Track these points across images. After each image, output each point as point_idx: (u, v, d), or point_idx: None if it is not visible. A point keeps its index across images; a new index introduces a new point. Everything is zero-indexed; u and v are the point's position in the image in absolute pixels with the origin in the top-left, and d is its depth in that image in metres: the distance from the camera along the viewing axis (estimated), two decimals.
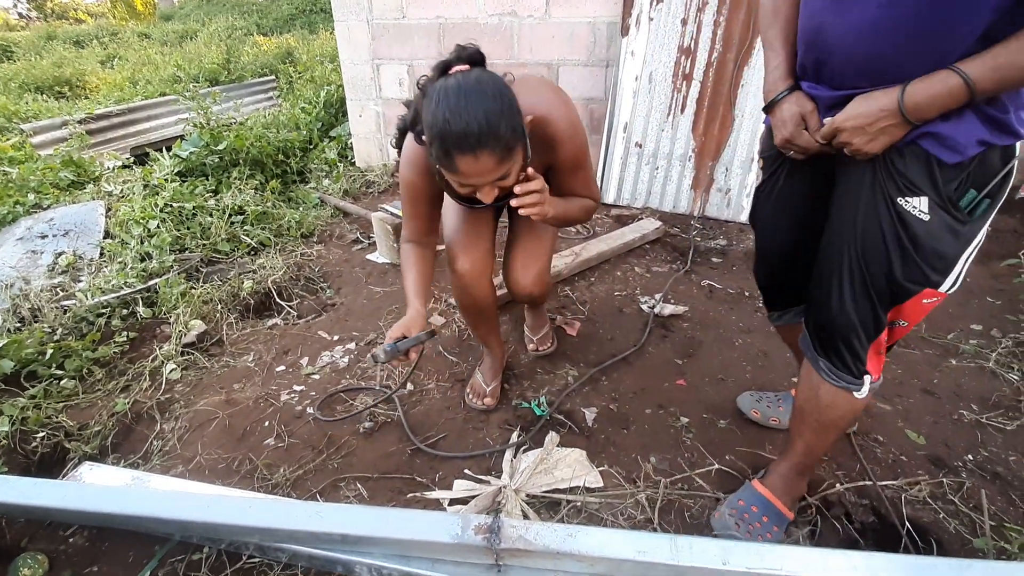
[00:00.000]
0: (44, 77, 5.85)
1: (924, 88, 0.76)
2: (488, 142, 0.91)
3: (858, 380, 1.01)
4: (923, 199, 0.84)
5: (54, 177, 2.84)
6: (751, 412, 1.53)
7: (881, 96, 0.80)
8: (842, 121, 0.84)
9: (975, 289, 2.23)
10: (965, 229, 0.86)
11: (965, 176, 0.82)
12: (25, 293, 1.99)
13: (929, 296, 0.92)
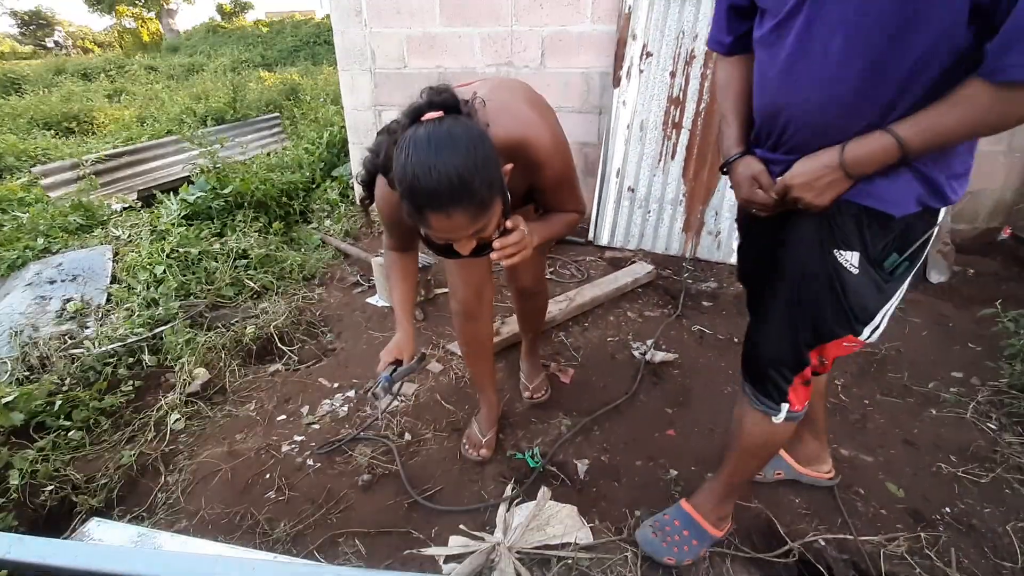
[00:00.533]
0: (53, 113, 6.00)
1: (861, 146, 0.85)
2: (461, 200, 0.87)
3: (776, 406, 1.09)
4: (855, 254, 0.94)
5: (63, 221, 2.93)
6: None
7: (823, 154, 0.89)
8: (791, 178, 0.93)
9: (957, 335, 2.30)
10: (887, 287, 0.97)
11: (891, 239, 0.93)
12: (34, 341, 2.05)
13: (850, 341, 1.02)
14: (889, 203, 0.89)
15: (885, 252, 0.94)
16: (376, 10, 3.08)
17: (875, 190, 0.89)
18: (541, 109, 1.20)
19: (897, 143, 0.81)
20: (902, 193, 0.89)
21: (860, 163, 0.86)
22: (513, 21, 3.02)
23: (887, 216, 0.90)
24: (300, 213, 3.46)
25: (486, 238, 0.99)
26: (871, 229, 0.92)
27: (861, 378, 2.04)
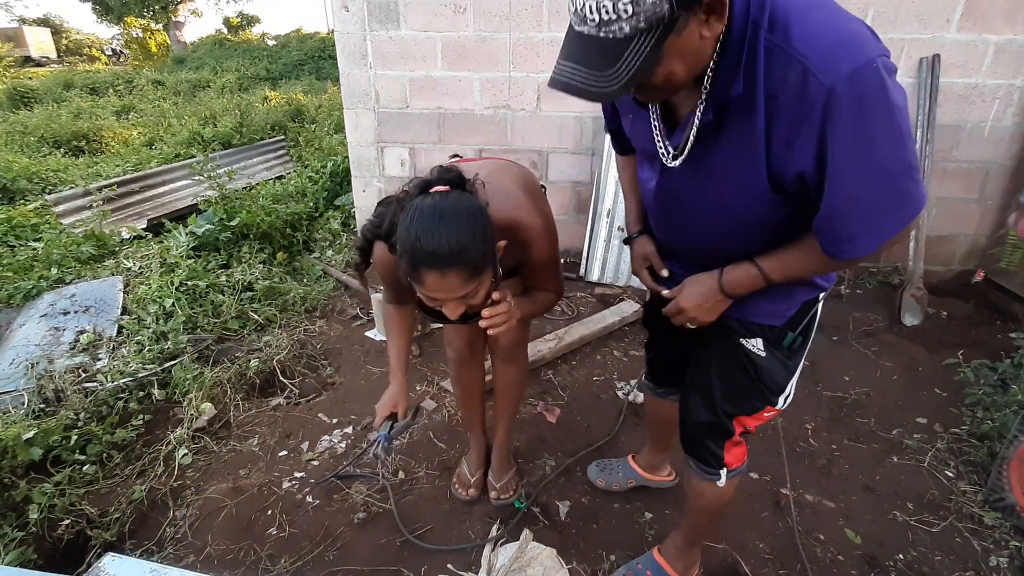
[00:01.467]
0: (63, 132, 6.15)
1: (734, 275, 1.00)
2: (456, 263, 0.95)
3: (717, 472, 1.22)
4: (759, 340, 1.09)
5: (76, 251, 3.05)
6: (597, 481, 1.80)
7: (706, 279, 1.04)
8: (683, 302, 1.06)
9: (925, 380, 2.43)
10: (790, 362, 1.11)
11: (785, 324, 1.08)
12: (50, 374, 2.16)
13: (769, 411, 1.16)
14: (771, 317, 1.07)
15: (782, 334, 1.08)
16: (380, 54, 3.23)
17: (760, 308, 1.06)
18: (536, 195, 1.31)
19: (762, 275, 0.97)
20: (781, 306, 1.06)
21: (734, 288, 1.01)
22: (511, 67, 3.18)
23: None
24: (303, 243, 3.59)
25: (474, 305, 1.07)
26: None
27: (831, 423, 2.16)
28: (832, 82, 0.70)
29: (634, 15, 0.65)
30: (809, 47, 0.72)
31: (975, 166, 3.09)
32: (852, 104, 0.71)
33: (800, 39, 0.72)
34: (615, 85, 0.69)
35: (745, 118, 0.79)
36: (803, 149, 0.77)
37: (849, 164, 0.75)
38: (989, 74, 2.89)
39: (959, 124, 3.01)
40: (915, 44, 2.87)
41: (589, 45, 0.69)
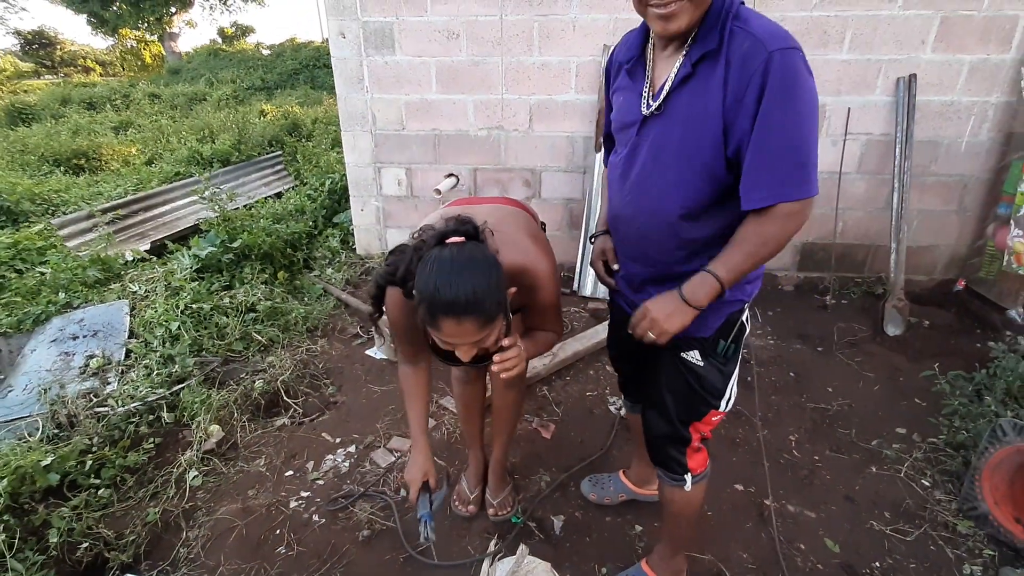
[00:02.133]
0: (62, 150, 6.23)
1: (694, 288, 1.09)
2: (472, 312, 1.04)
3: (682, 478, 1.36)
4: (695, 352, 1.22)
5: (82, 275, 3.14)
6: (590, 496, 1.90)
7: (669, 296, 1.12)
8: (653, 315, 1.12)
9: (906, 390, 2.52)
10: (726, 368, 1.25)
11: (714, 334, 1.21)
12: (62, 399, 2.24)
13: (715, 415, 1.29)
14: (703, 329, 1.20)
15: (714, 343, 1.22)
16: (377, 79, 3.33)
17: (694, 322, 1.14)
18: (540, 241, 1.39)
19: (714, 277, 1.07)
20: (710, 319, 1.18)
21: (696, 298, 1.08)
22: (504, 90, 3.28)
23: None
24: (303, 261, 3.67)
25: (485, 349, 1.16)
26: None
27: (814, 434, 2.26)
28: (772, 50, 0.94)
29: None
30: (761, 30, 0.97)
31: (953, 179, 3.20)
32: (784, 70, 0.94)
33: (755, 26, 0.98)
34: None
35: (711, 73, 1.01)
36: (747, 103, 0.97)
37: (772, 118, 0.96)
38: (964, 92, 3.00)
39: (937, 140, 3.11)
40: (892, 65, 2.98)
41: None
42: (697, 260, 1.13)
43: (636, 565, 1.60)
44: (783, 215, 1.01)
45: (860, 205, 3.30)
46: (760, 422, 2.28)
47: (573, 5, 3.06)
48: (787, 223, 1.02)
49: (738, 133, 1.00)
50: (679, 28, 1.00)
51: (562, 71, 3.19)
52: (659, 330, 1.11)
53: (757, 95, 0.96)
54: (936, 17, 2.88)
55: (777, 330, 3.04)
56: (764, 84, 0.94)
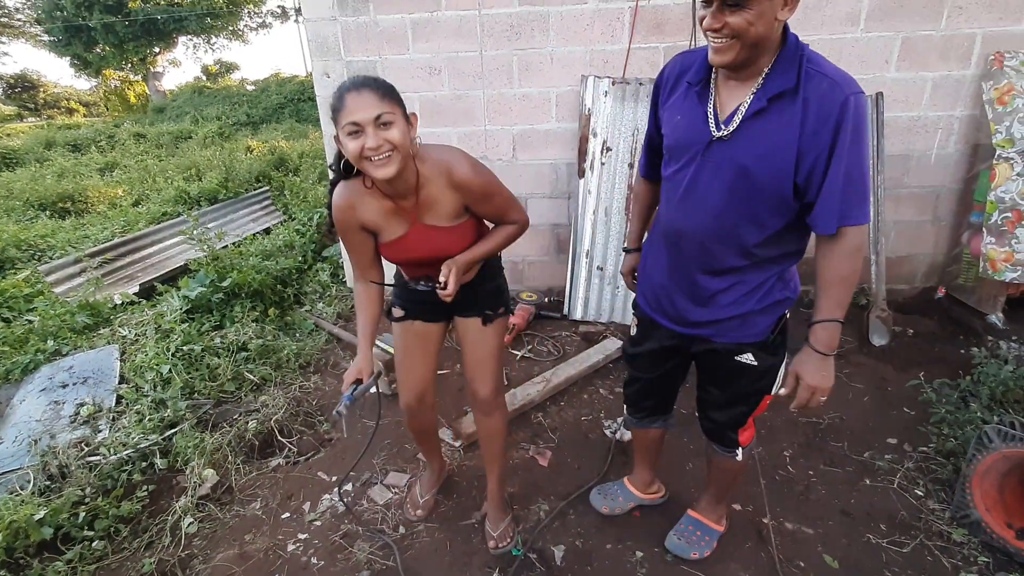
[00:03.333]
0: (47, 195, 6.22)
1: (828, 340, 1.22)
2: (369, 84, 1.23)
3: (735, 451, 1.58)
4: (748, 354, 1.37)
5: (71, 321, 3.12)
6: (601, 508, 1.97)
7: (811, 358, 1.23)
8: (811, 383, 1.24)
9: (894, 400, 2.56)
10: (776, 358, 1.39)
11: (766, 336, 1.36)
12: (53, 449, 2.22)
13: (767, 399, 1.46)
14: (758, 335, 1.35)
15: (765, 342, 1.36)
16: None
17: (748, 332, 1.34)
18: (463, 152, 1.45)
19: (834, 321, 1.20)
20: (765, 325, 1.34)
21: (825, 343, 1.21)
22: (486, 121, 3.35)
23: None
24: (294, 296, 3.68)
25: (392, 140, 1.23)
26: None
27: (807, 448, 2.28)
28: (848, 94, 1.07)
29: None
30: (835, 73, 1.10)
31: (926, 190, 3.30)
32: (856, 112, 1.07)
33: (828, 69, 1.11)
34: None
35: (786, 108, 1.11)
36: (822, 138, 1.08)
37: (846, 155, 1.08)
38: (929, 107, 3.12)
39: (907, 153, 3.22)
40: (860, 83, 3.09)
41: None
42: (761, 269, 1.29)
43: (685, 515, 1.83)
44: (852, 237, 1.14)
45: None
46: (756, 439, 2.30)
47: (550, 39, 3.16)
48: (858, 244, 1.15)
49: (809, 163, 1.12)
50: (724, 61, 1.11)
51: (542, 101, 3.28)
52: (823, 392, 1.23)
53: (833, 132, 1.07)
54: (897, 38, 3.01)
55: None
56: (841, 123, 1.06)
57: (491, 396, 1.73)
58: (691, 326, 1.40)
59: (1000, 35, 2.96)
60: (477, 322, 1.66)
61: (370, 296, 1.57)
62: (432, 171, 1.36)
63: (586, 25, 3.10)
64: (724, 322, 1.34)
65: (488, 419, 1.78)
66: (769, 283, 1.30)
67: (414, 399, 1.77)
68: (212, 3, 18.86)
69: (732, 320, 1.33)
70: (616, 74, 3.16)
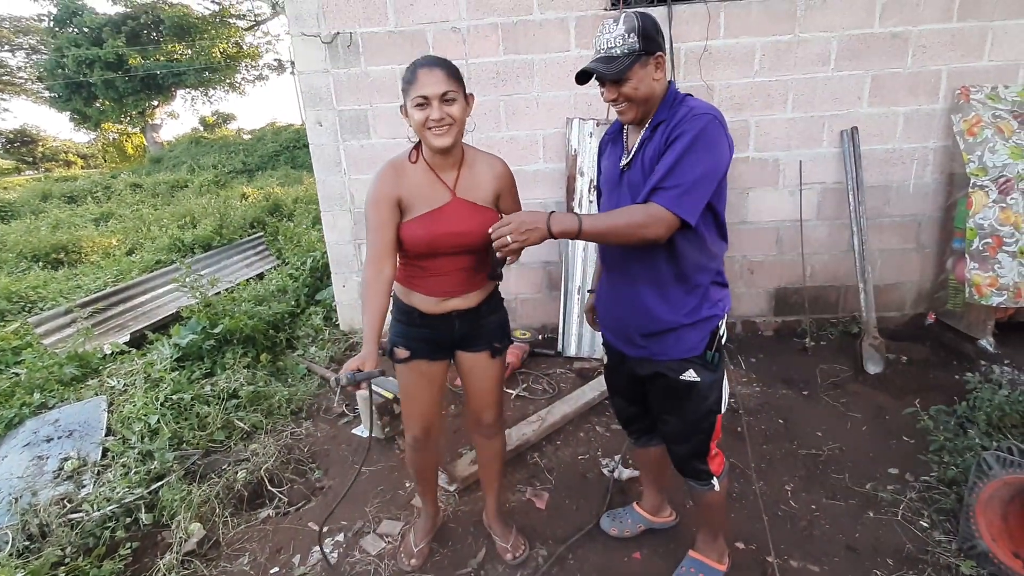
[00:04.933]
0: (41, 246, 6.25)
1: (560, 219, 1.32)
2: (441, 64, 1.42)
3: (710, 482, 1.61)
4: (691, 370, 1.46)
5: (59, 372, 3.08)
6: (611, 531, 2.00)
7: (538, 214, 1.34)
8: (516, 222, 1.33)
9: (893, 428, 2.54)
10: (717, 373, 1.49)
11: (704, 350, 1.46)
12: (34, 507, 2.14)
13: (719, 419, 1.54)
14: (694, 349, 1.45)
15: (703, 357, 1.46)
16: (353, 161, 3.47)
17: (683, 346, 1.45)
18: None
19: (578, 220, 1.31)
20: (697, 339, 1.45)
21: (558, 222, 1.32)
22: None
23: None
24: (286, 341, 3.66)
25: (452, 115, 1.42)
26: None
27: (809, 482, 2.24)
28: (697, 114, 1.30)
29: (622, 45, 1.31)
30: (698, 106, 1.34)
31: (908, 219, 3.37)
32: (698, 126, 1.28)
33: (694, 104, 1.35)
34: (612, 71, 1.31)
35: (660, 133, 1.35)
36: (669, 140, 1.31)
37: (681, 152, 1.27)
38: (903, 139, 3.23)
39: (886, 184, 3.31)
40: (834, 119, 3.21)
41: (602, 60, 1.33)
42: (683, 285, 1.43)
43: (687, 557, 1.80)
44: (653, 210, 1.27)
45: (825, 249, 3.45)
46: (754, 474, 2.26)
47: (535, 84, 3.27)
48: (655, 216, 1.27)
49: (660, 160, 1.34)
50: (628, 119, 1.42)
51: (530, 143, 3.37)
52: (516, 238, 1.30)
53: (675, 136, 1.30)
54: (867, 76, 3.14)
55: (761, 376, 3.07)
56: (683, 131, 1.28)
57: (495, 421, 1.83)
58: (636, 347, 1.52)
59: (964, 70, 3.10)
60: (485, 355, 1.72)
61: (380, 287, 1.52)
62: (481, 157, 1.60)
63: (569, 70, 3.22)
64: (660, 336, 1.46)
65: (491, 442, 1.88)
66: (694, 300, 1.43)
67: (421, 431, 1.77)
68: (210, 58, 19.47)
69: (666, 334, 1.45)
70: (600, 116, 3.27)
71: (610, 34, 1.32)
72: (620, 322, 1.55)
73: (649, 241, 1.29)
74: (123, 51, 17.60)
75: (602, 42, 1.34)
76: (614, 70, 1.31)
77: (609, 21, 1.34)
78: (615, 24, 1.32)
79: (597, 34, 1.36)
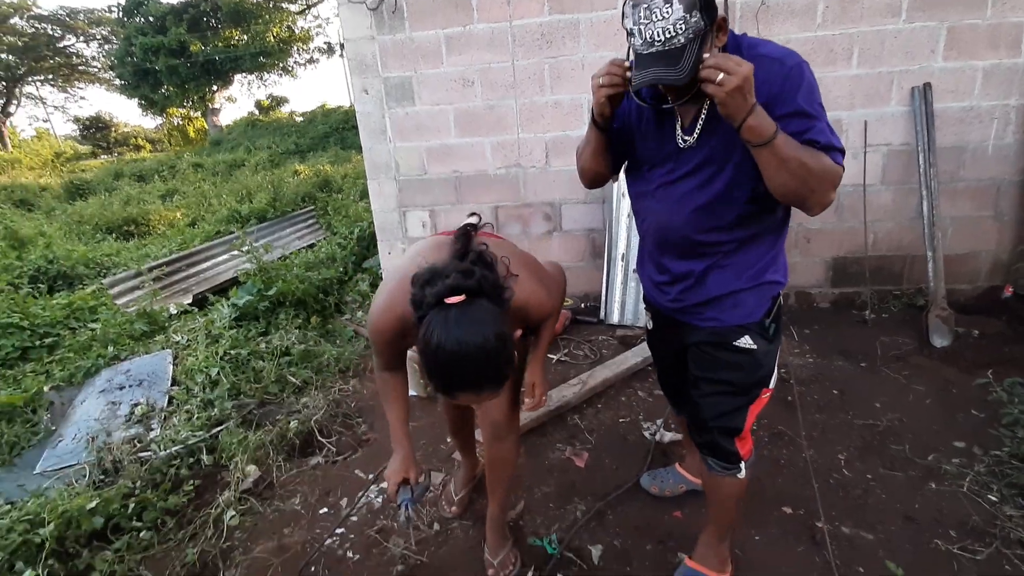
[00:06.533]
0: (114, 219, 6.69)
1: (760, 112, 1.04)
2: (486, 381, 1.07)
3: (737, 466, 1.42)
4: (747, 336, 1.31)
5: (130, 328, 3.30)
6: (651, 488, 1.98)
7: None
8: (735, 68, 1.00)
9: (960, 402, 2.38)
10: (773, 345, 1.34)
11: (762, 316, 1.31)
12: (108, 446, 2.33)
13: (765, 393, 1.37)
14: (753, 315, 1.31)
15: (762, 324, 1.32)
16: (399, 128, 3.51)
17: (742, 312, 1.30)
18: (532, 265, 1.44)
19: (775, 130, 1.04)
20: (758, 304, 1.30)
21: (759, 118, 1.03)
22: (519, 130, 3.40)
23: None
24: (335, 305, 3.78)
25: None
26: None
27: (864, 452, 2.14)
28: (793, 64, 1.10)
29: (686, 30, 1.00)
30: (775, 52, 1.13)
31: (984, 184, 3.11)
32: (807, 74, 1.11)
33: (767, 49, 1.14)
34: (683, 73, 1.02)
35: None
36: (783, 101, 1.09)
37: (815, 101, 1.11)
38: (982, 97, 2.97)
39: (961, 145, 3.06)
40: (904, 75, 2.98)
41: (659, 57, 1.03)
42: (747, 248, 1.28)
43: (681, 567, 1.60)
44: (837, 170, 1.10)
45: (889, 216, 3.23)
46: (805, 442, 2.18)
47: (581, 46, 3.19)
48: (837, 177, 1.10)
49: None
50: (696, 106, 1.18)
51: (574, 107, 3.30)
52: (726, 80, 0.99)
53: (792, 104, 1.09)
54: (942, 28, 2.89)
55: (816, 348, 2.94)
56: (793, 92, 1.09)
57: (505, 417, 1.55)
58: (688, 312, 1.37)
59: None
60: None
61: (398, 384, 1.46)
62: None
63: (616, 30, 3.12)
64: (716, 301, 1.31)
65: (500, 444, 1.58)
66: (759, 264, 1.29)
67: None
68: (265, 43, 20.08)
69: (724, 299, 1.31)
70: None
71: (664, 21, 1.00)
72: (667, 291, 1.40)
73: (813, 202, 1.10)
74: (185, 38, 18.39)
75: (654, 32, 1.00)
76: (685, 70, 1.01)
77: (658, 1, 1.00)
78: (668, 5, 0.99)
79: (639, 18, 1.02)
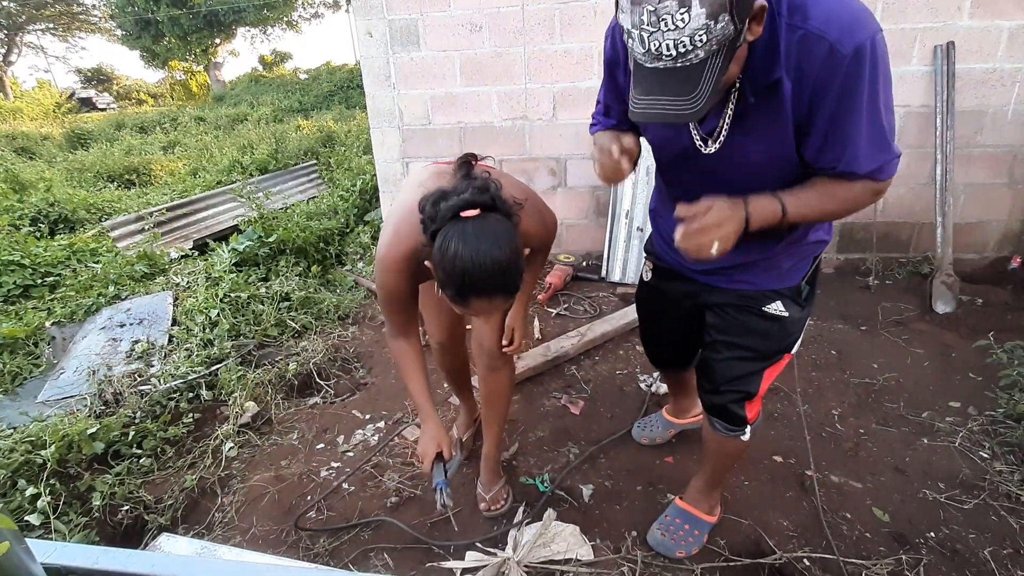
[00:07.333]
0: (115, 167, 6.62)
1: (758, 206, 0.99)
2: (501, 291, 1.07)
3: (743, 429, 1.35)
4: (778, 302, 1.21)
5: (130, 270, 3.30)
6: (642, 440, 1.97)
7: (729, 208, 0.98)
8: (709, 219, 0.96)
9: (958, 365, 2.38)
10: (805, 311, 1.25)
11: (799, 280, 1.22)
12: (109, 379, 2.35)
13: (787, 359, 1.29)
14: (791, 279, 1.21)
15: (797, 289, 1.23)
16: (403, 75, 3.42)
17: (782, 275, 1.19)
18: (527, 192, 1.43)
19: (782, 210, 0.99)
20: (799, 266, 1.20)
21: (757, 219, 0.98)
22: (527, 80, 3.31)
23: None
24: (336, 256, 3.76)
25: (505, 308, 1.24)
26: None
27: (859, 408, 2.15)
28: (851, 50, 0.84)
29: (708, 42, 0.74)
30: (828, 25, 0.84)
31: (1001, 150, 3.04)
32: (867, 65, 0.86)
33: (819, 20, 0.85)
34: (698, 104, 0.79)
35: (775, 93, 0.91)
36: (825, 104, 0.89)
37: (865, 107, 0.89)
38: (1006, 58, 2.86)
39: (981, 109, 2.97)
40: (928, 33, 2.87)
41: (667, 77, 0.79)
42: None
43: (671, 505, 1.61)
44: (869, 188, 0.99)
45: (901, 181, 3.16)
46: (799, 397, 2.18)
47: None
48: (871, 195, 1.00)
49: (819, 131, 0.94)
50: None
51: (584, 57, 3.20)
52: (711, 248, 0.95)
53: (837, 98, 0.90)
54: None
55: (817, 311, 2.91)
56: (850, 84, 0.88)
57: (499, 347, 1.57)
58: (714, 273, 1.24)
59: None
60: None
61: (416, 353, 1.42)
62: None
63: None
64: (749, 265, 1.18)
65: (495, 375, 1.60)
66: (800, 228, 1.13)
67: (446, 338, 1.74)
68: None
69: (758, 263, 1.17)
70: None
71: (677, 32, 0.73)
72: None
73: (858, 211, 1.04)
74: None
75: (662, 43, 0.75)
76: (701, 100, 0.79)
77: (669, 3, 0.72)
78: (685, 10, 0.72)
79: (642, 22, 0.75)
